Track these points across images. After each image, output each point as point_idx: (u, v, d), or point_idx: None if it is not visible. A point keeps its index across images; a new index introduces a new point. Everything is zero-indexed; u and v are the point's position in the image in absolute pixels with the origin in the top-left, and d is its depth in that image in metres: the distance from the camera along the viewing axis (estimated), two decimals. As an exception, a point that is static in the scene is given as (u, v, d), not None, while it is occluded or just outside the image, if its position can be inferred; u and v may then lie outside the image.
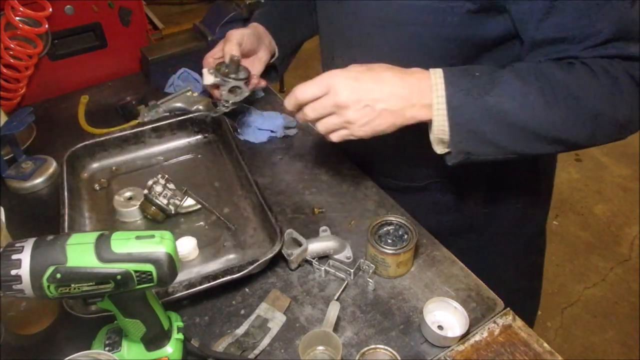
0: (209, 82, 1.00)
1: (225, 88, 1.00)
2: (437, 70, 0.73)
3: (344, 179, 1.08)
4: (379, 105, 0.73)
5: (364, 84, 0.73)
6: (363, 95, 0.73)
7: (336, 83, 0.74)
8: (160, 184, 0.96)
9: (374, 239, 0.85)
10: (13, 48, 1.21)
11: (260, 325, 0.79)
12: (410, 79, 0.73)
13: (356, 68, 0.76)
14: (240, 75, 0.99)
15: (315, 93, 0.75)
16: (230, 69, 0.98)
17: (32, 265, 0.56)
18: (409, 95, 0.73)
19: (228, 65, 0.98)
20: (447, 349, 0.76)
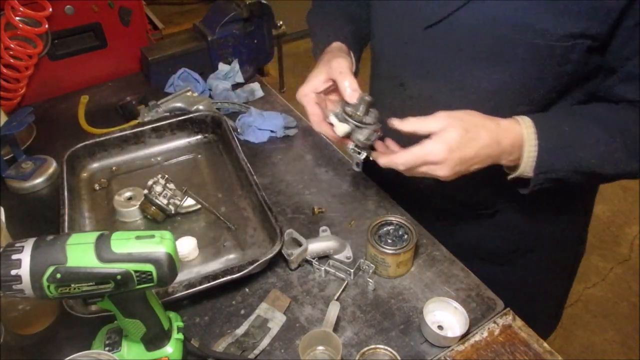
0: (344, 131, 0.80)
1: (363, 135, 0.79)
2: (529, 124, 0.74)
3: (344, 179, 1.08)
4: (473, 167, 0.74)
5: (466, 155, 0.72)
6: (462, 166, 0.72)
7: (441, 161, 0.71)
8: (160, 184, 0.96)
9: (374, 239, 0.85)
10: (13, 48, 1.21)
11: (260, 325, 0.79)
12: (505, 139, 0.73)
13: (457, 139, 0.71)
14: (373, 115, 0.81)
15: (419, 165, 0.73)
16: (361, 109, 0.79)
17: (32, 265, 0.56)
18: (501, 154, 0.74)
19: (356, 105, 0.79)
20: (447, 349, 0.76)
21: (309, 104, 0.84)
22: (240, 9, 1.35)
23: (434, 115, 0.73)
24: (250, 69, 1.44)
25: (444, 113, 0.73)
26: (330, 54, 0.87)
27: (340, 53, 0.87)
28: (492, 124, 0.73)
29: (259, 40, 1.43)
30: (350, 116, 0.79)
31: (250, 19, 1.38)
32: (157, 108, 1.20)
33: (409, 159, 0.73)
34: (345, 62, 0.82)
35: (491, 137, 0.72)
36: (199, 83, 1.34)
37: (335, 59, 0.83)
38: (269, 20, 1.41)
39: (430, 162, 0.72)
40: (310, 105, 0.84)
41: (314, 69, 0.86)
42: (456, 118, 0.73)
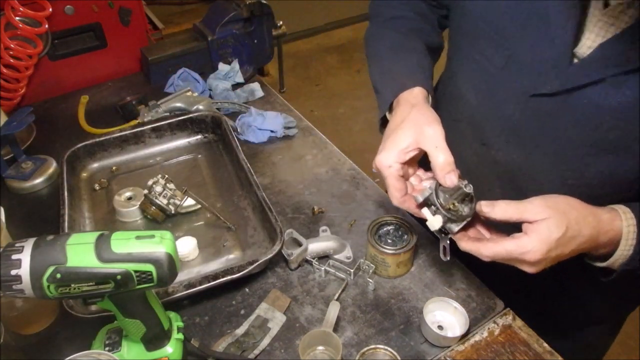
0: (439, 227, 0.69)
1: (458, 227, 0.69)
2: (630, 221, 0.66)
3: (344, 179, 1.08)
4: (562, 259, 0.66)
5: (562, 252, 0.64)
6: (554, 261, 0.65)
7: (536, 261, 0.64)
8: (160, 184, 0.96)
9: (374, 239, 0.85)
10: (13, 48, 1.21)
11: (260, 325, 0.79)
12: (603, 235, 0.66)
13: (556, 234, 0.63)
14: (470, 206, 0.70)
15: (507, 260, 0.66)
16: (457, 197, 0.69)
17: (32, 265, 0.56)
18: (595, 249, 0.68)
19: (451, 192, 0.69)
20: (447, 349, 0.76)
21: (390, 176, 0.72)
22: (240, 9, 1.35)
23: (531, 202, 0.65)
24: (250, 69, 1.44)
25: (543, 201, 0.65)
26: (417, 111, 0.73)
27: (428, 111, 0.74)
28: (593, 220, 0.65)
29: (259, 40, 1.43)
30: (443, 206, 0.68)
31: (250, 19, 1.38)
32: (157, 108, 1.20)
33: (498, 254, 0.64)
34: (440, 131, 0.70)
35: (590, 235, 0.65)
36: (199, 83, 1.34)
37: (428, 126, 0.70)
38: (269, 20, 1.41)
39: (522, 260, 0.64)
40: (392, 178, 0.72)
41: (399, 130, 0.72)
42: (557, 210, 0.64)
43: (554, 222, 0.63)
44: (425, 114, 0.73)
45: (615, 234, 0.66)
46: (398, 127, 0.73)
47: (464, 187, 0.68)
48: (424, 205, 0.70)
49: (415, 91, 0.78)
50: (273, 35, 1.45)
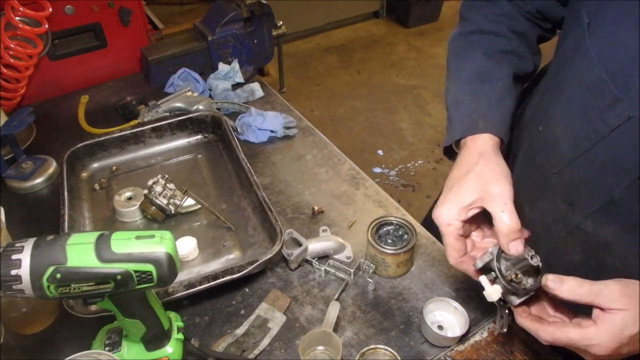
0: (497, 299, 0.63)
1: (520, 299, 0.63)
2: None
3: (344, 179, 1.08)
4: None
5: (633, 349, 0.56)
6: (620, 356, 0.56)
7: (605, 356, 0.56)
8: (160, 184, 0.96)
9: (374, 239, 0.85)
10: (13, 48, 1.21)
11: (260, 325, 0.79)
12: None
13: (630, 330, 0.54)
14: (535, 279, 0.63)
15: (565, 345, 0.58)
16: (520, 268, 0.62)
17: (32, 265, 0.56)
18: None
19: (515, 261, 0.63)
20: (447, 349, 0.76)
21: (450, 235, 0.66)
22: (240, 9, 1.35)
23: (607, 285, 0.56)
24: (250, 69, 1.44)
25: (621, 287, 0.55)
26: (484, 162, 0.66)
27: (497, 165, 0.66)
28: None
29: (259, 40, 1.43)
30: (504, 276, 0.62)
31: (250, 19, 1.38)
32: (157, 108, 1.20)
33: (558, 340, 0.57)
34: (508, 191, 0.63)
35: None
36: (199, 83, 1.34)
37: (496, 184, 0.63)
38: (269, 20, 1.41)
39: (586, 352, 0.56)
40: (451, 237, 0.66)
41: (463, 184, 0.65)
42: (634, 300, 0.55)
43: (631, 315, 0.54)
44: (493, 168, 0.65)
45: None
46: (462, 180, 0.66)
47: (529, 259, 0.61)
48: (483, 271, 0.64)
49: (485, 137, 0.69)
50: (273, 35, 1.45)
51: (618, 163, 0.60)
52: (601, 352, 0.55)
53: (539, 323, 0.60)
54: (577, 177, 0.66)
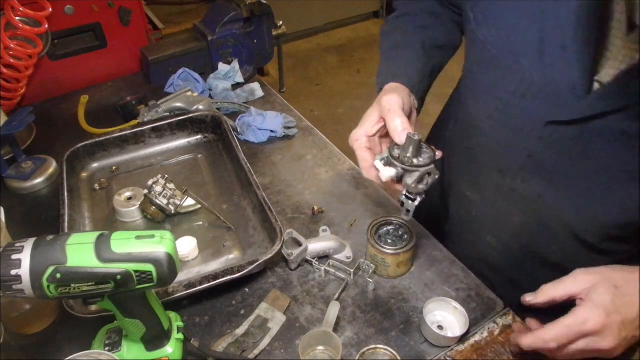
0: (389, 176, 0.72)
1: (412, 178, 0.71)
2: None
3: (344, 179, 1.08)
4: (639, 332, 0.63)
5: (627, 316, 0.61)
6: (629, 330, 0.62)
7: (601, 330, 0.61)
8: (160, 184, 0.96)
9: (374, 239, 0.85)
10: (13, 48, 1.21)
11: (260, 325, 0.79)
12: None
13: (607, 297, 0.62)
14: (425, 157, 0.72)
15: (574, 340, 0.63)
16: (410, 151, 0.71)
17: (32, 265, 0.56)
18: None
19: (404, 146, 0.71)
20: (447, 349, 0.76)
21: (359, 149, 0.77)
22: (240, 9, 1.35)
23: (573, 275, 0.65)
24: (250, 69, 1.44)
25: (584, 272, 0.65)
26: (384, 94, 0.78)
27: (397, 92, 0.78)
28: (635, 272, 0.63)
29: (259, 40, 1.43)
30: (398, 158, 0.71)
31: (250, 19, 1.38)
32: (157, 108, 1.20)
33: (560, 333, 0.63)
34: (395, 100, 0.74)
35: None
36: (199, 83, 1.34)
37: (385, 96, 0.75)
38: (269, 20, 1.41)
39: (588, 332, 0.61)
40: (360, 150, 0.77)
41: (370, 110, 0.79)
42: (602, 275, 0.63)
43: (601, 286, 0.62)
44: (389, 95, 0.76)
45: None
46: (369, 110, 0.80)
47: (412, 137, 0.70)
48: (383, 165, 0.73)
49: (392, 85, 0.82)
50: (273, 35, 1.45)
51: (525, 121, 0.71)
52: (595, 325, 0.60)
53: (538, 331, 0.65)
54: (499, 147, 0.77)
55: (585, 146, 0.66)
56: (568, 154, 0.68)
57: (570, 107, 0.65)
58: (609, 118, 0.62)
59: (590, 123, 0.64)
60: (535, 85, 0.67)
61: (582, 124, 0.65)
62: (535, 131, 0.70)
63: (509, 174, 0.77)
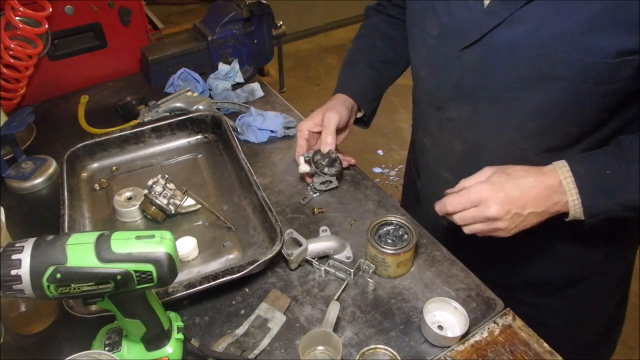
0: (304, 171, 1.01)
1: (319, 180, 1.02)
2: (566, 172, 0.73)
3: (344, 179, 1.08)
4: (526, 210, 0.74)
5: (510, 194, 0.73)
6: (512, 205, 0.73)
7: (486, 198, 0.73)
8: (160, 184, 0.96)
9: (374, 239, 0.85)
10: (13, 48, 1.21)
11: (260, 325, 0.79)
12: (550, 179, 0.74)
13: (498, 178, 0.75)
14: (333, 170, 1.01)
15: (466, 206, 0.76)
16: (325, 161, 1.00)
17: (32, 265, 0.56)
18: (551, 195, 0.74)
19: (325, 157, 1.00)
20: (447, 349, 0.76)
21: (300, 138, 1.03)
22: (240, 9, 1.35)
23: (480, 170, 0.78)
24: (250, 69, 1.44)
25: (488, 167, 0.78)
26: (333, 103, 1.03)
27: (339, 107, 1.02)
28: (534, 168, 0.75)
29: (259, 40, 1.43)
30: (315, 162, 1.00)
31: (250, 19, 1.38)
32: (157, 108, 1.20)
33: (454, 198, 0.76)
34: (334, 119, 0.99)
35: (535, 178, 0.74)
36: (199, 83, 1.34)
37: (329, 112, 1.00)
38: (269, 20, 1.41)
39: (475, 201, 0.74)
40: (300, 139, 1.03)
41: (318, 110, 1.04)
42: (499, 167, 0.77)
43: (496, 171, 0.76)
44: (334, 107, 1.02)
45: (558, 183, 0.73)
46: (320, 109, 1.04)
47: (330, 155, 0.99)
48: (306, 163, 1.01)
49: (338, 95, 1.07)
50: (273, 35, 1.45)
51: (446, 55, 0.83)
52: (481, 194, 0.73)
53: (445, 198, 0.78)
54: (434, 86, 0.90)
55: (491, 63, 0.77)
56: (481, 74, 0.79)
57: (472, 30, 0.77)
58: (498, 32, 0.74)
59: (488, 41, 0.76)
60: (449, 24, 0.81)
61: (483, 43, 0.76)
62: (455, 62, 0.82)
63: (444, 108, 0.89)
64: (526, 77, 0.75)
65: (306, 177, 1.05)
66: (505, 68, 0.76)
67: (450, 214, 0.78)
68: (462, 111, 0.86)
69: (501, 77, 0.77)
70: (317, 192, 1.04)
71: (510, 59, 0.75)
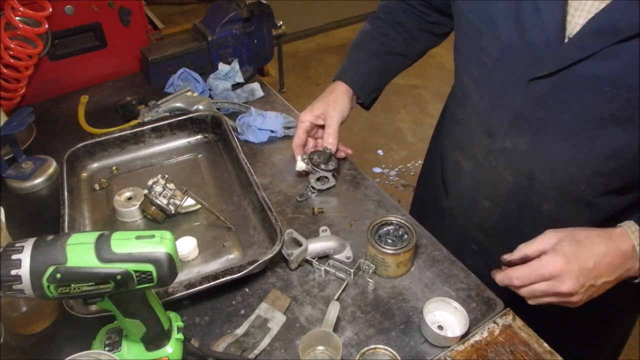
0: (301, 169, 1.05)
1: (315, 176, 1.03)
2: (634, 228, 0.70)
3: (344, 179, 1.08)
4: (600, 280, 0.70)
5: (584, 266, 0.68)
6: (586, 278, 0.69)
7: (560, 274, 0.69)
8: (160, 184, 0.96)
9: (374, 239, 0.85)
10: (13, 48, 1.21)
11: (260, 325, 0.79)
12: (622, 246, 0.70)
13: (569, 247, 0.69)
14: (329, 166, 1.03)
15: (537, 281, 0.71)
16: (322, 159, 1.03)
17: (32, 265, 0.56)
18: (624, 262, 0.70)
19: (321, 154, 1.03)
20: (447, 349, 0.76)
21: (300, 129, 1.04)
22: (240, 9, 1.35)
23: (542, 234, 0.73)
24: (250, 69, 1.44)
25: (551, 230, 0.72)
26: (335, 96, 1.03)
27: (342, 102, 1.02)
28: (604, 233, 0.71)
29: (259, 40, 1.43)
30: (312, 160, 1.04)
31: (250, 19, 1.38)
32: (157, 108, 1.20)
33: (523, 272, 0.71)
34: (337, 118, 1.01)
35: (607, 244, 0.69)
36: (199, 83, 1.34)
37: (332, 110, 1.01)
38: (269, 20, 1.41)
39: (547, 275, 0.69)
40: (300, 130, 1.04)
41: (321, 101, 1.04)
42: (564, 232, 0.72)
43: (565, 240, 0.70)
44: (335, 101, 1.02)
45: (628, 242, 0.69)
46: (319, 101, 1.04)
47: (326, 150, 1.02)
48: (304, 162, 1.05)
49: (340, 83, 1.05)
50: (273, 35, 1.45)
51: (508, 81, 0.77)
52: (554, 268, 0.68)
53: (509, 269, 0.73)
54: (487, 110, 0.84)
55: (565, 97, 0.71)
56: (550, 107, 0.73)
57: (547, 61, 0.70)
58: (582, 65, 0.68)
59: (567, 74, 0.69)
60: (514, 47, 0.74)
61: (559, 76, 0.70)
62: (518, 90, 0.76)
63: (498, 136, 0.83)
64: (607, 117, 0.69)
65: (304, 174, 1.08)
66: (583, 104, 0.70)
67: (516, 287, 0.73)
68: (519, 143, 0.80)
69: (575, 113, 0.71)
70: (315, 191, 1.04)
71: (591, 96, 0.69)
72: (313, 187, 1.04)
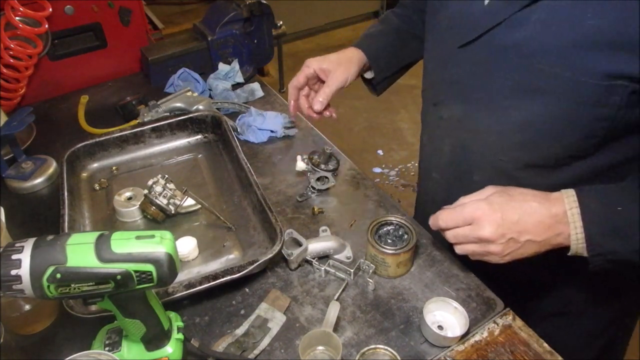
0: (301, 169, 1.06)
1: (314, 176, 1.03)
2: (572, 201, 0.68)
3: (344, 179, 1.08)
4: (523, 237, 0.69)
5: (508, 216, 0.69)
6: (508, 229, 0.69)
7: (481, 217, 0.69)
8: (160, 184, 0.96)
9: (374, 239, 0.85)
10: (13, 48, 1.21)
11: (260, 325, 0.79)
12: (552, 208, 0.69)
13: (498, 198, 0.70)
14: (329, 166, 1.03)
15: (459, 224, 0.72)
16: (322, 159, 1.03)
17: (32, 265, 0.56)
18: (554, 224, 0.69)
19: (321, 154, 1.04)
20: (447, 349, 0.76)
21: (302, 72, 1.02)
22: (240, 9, 1.35)
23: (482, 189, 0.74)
24: (250, 69, 1.44)
25: (491, 185, 0.74)
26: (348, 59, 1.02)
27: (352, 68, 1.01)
28: (540, 194, 0.71)
29: (259, 40, 1.43)
30: (312, 160, 1.04)
31: (250, 19, 1.38)
32: (157, 108, 1.20)
33: (448, 214, 0.73)
34: (339, 81, 0.98)
35: (539, 204, 0.69)
36: (199, 83, 1.34)
37: (340, 72, 0.99)
38: (269, 20, 1.41)
39: (468, 218, 0.70)
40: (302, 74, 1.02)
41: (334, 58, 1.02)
42: (503, 187, 0.73)
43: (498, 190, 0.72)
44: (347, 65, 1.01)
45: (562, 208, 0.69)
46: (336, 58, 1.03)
47: (325, 150, 1.03)
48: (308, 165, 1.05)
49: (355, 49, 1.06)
50: (273, 35, 1.45)
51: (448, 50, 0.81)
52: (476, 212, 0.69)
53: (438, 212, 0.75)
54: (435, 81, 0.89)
55: (487, 66, 0.75)
56: (475, 75, 0.78)
57: (472, 29, 0.76)
58: (497, 34, 0.72)
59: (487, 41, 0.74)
60: (454, 17, 0.80)
61: (480, 43, 0.75)
62: (454, 58, 0.81)
63: (439, 105, 0.88)
64: (517, 85, 0.72)
65: (304, 174, 1.07)
66: (500, 73, 0.73)
67: (442, 229, 0.75)
68: (453, 111, 0.84)
69: (495, 81, 0.75)
70: (315, 191, 1.04)
71: (505, 64, 0.72)
72: (313, 187, 1.04)
